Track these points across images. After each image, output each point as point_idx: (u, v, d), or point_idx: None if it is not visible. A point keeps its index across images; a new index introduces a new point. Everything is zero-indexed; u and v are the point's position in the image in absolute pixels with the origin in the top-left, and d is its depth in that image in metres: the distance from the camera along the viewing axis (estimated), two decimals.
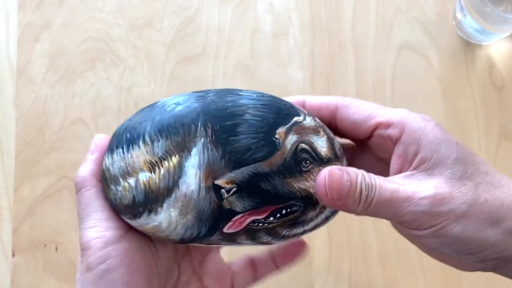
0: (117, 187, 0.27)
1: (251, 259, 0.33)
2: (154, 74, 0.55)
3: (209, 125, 0.26)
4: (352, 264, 0.51)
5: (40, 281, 0.51)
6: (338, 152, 0.29)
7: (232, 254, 0.38)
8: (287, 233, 0.29)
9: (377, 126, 0.29)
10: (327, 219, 0.30)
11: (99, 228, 0.27)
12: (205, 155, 0.26)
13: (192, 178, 0.26)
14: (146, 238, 0.30)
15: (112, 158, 0.28)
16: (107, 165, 0.29)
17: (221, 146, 0.26)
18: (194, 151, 0.26)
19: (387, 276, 0.51)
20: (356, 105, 0.30)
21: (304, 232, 0.30)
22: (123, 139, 0.28)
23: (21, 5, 0.56)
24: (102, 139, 0.29)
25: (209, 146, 0.26)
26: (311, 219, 0.29)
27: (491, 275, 0.31)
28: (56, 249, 0.52)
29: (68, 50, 0.55)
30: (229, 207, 0.27)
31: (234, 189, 0.26)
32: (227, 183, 0.26)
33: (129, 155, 0.27)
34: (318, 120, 0.30)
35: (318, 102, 0.31)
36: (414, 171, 0.27)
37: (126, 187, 0.27)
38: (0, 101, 0.55)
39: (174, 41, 0.56)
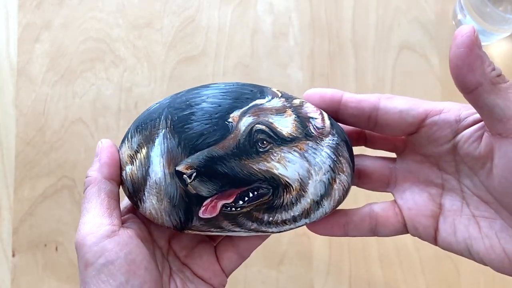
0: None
1: (231, 240, 0.34)
2: (154, 74, 0.55)
3: (169, 116, 0.29)
4: (352, 264, 0.51)
5: (40, 281, 0.51)
6: (312, 132, 0.29)
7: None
8: (271, 218, 0.29)
9: (427, 113, 0.28)
10: (318, 204, 0.29)
11: (92, 224, 0.28)
12: (165, 144, 0.28)
13: (157, 166, 0.28)
14: (143, 230, 0.31)
15: None
16: None
17: (177, 134, 0.28)
18: (157, 141, 0.28)
19: (387, 276, 0.51)
20: (400, 97, 0.30)
21: (296, 219, 0.30)
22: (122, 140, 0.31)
23: (21, 5, 0.56)
24: (104, 142, 0.30)
25: (168, 136, 0.28)
26: (292, 203, 0.29)
27: (490, 275, 0.31)
28: (56, 249, 0.52)
29: (68, 50, 0.56)
30: (195, 192, 0.28)
31: (194, 173, 0.28)
32: (186, 169, 0.28)
33: (121, 152, 0.30)
34: (296, 102, 0.30)
35: (358, 97, 0.30)
36: None
37: (123, 181, 0.30)
38: (0, 101, 0.55)
39: (174, 41, 0.56)
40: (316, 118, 0.29)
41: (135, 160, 0.29)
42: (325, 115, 0.30)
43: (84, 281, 0.27)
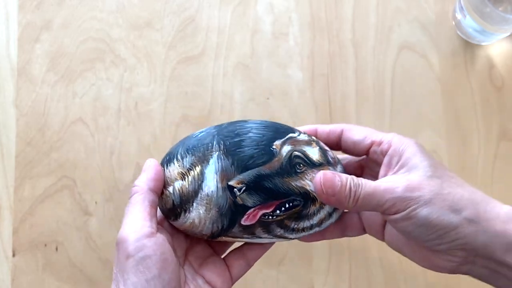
0: (162, 195, 0.35)
1: (241, 250, 0.39)
2: (154, 74, 0.55)
3: (222, 142, 0.35)
4: (352, 264, 0.51)
5: (40, 281, 0.51)
6: (330, 160, 0.37)
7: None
8: (295, 226, 0.36)
9: (372, 144, 0.37)
10: (330, 215, 0.36)
11: (135, 224, 0.33)
12: (219, 163, 0.34)
13: (211, 182, 0.34)
14: (169, 240, 0.35)
15: None
16: None
17: (231, 156, 0.34)
18: (211, 161, 0.34)
19: (387, 276, 0.51)
20: (356, 129, 0.38)
21: (312, 227, 0.36)
22: (165, 160, 0.36)
23: (21, 5, 0.56)
24: (151, 161, 0.36)
25: (222, 157, 0.34)
26: (314, 214, 0.36)
27: None
28: (56, 249, 0.52)
29: (68, 50, 0.56)
30: (242, 202, 0.34)
31: (244, 187, 0.34)
32: (238, 183, 0.34)
33: (168, 170, 0.35)
34: (314, 138, 0.37)
35: (327, 129, 0.39)
36: (394, 175, 0.34)
37: (167, 194, 0.35)
38: (0, 101, 0.55)
39: (174, 41, 0.56)
40: (329, 151, 0.37)
41: (187, 176, 0.34)
42: (331, 151, 0.38)
43: (123, 270, 0.31)
